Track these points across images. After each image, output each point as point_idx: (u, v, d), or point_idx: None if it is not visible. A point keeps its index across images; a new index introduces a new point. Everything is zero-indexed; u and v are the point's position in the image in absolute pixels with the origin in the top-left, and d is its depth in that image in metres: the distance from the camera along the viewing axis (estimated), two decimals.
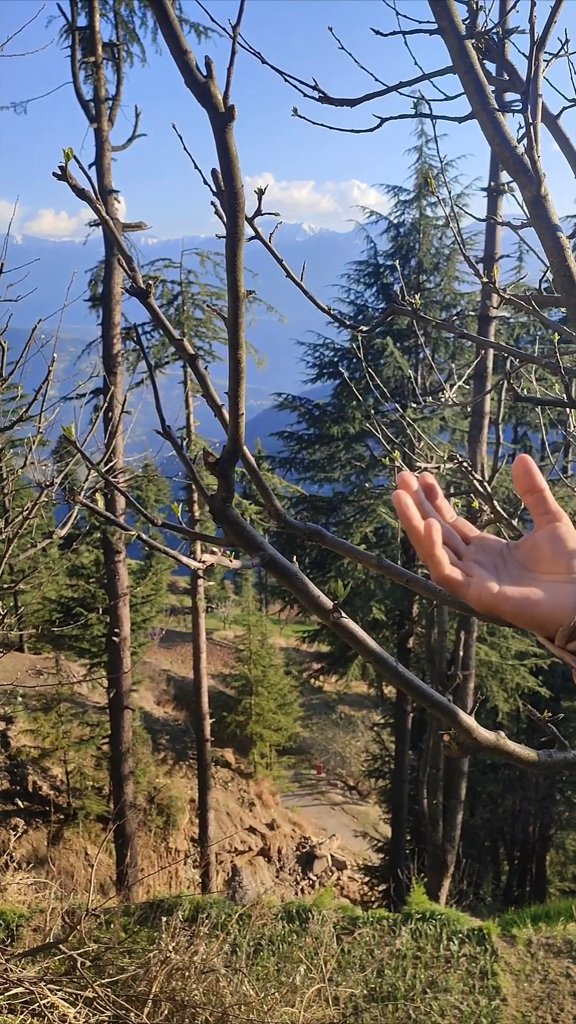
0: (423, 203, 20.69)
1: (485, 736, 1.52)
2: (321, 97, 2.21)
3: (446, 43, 1.92)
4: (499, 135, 1.85)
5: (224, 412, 1.69)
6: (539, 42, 1.80)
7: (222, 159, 1.15)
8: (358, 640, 1.57)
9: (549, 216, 1.84)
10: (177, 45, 1.10)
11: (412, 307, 2.42)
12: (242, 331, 1.30)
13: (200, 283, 19.48)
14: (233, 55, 1.08)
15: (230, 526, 1.48)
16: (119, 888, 14.20)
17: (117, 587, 15.88)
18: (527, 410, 22.38)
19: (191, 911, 9.36)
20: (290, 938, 9.40)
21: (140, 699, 26.00)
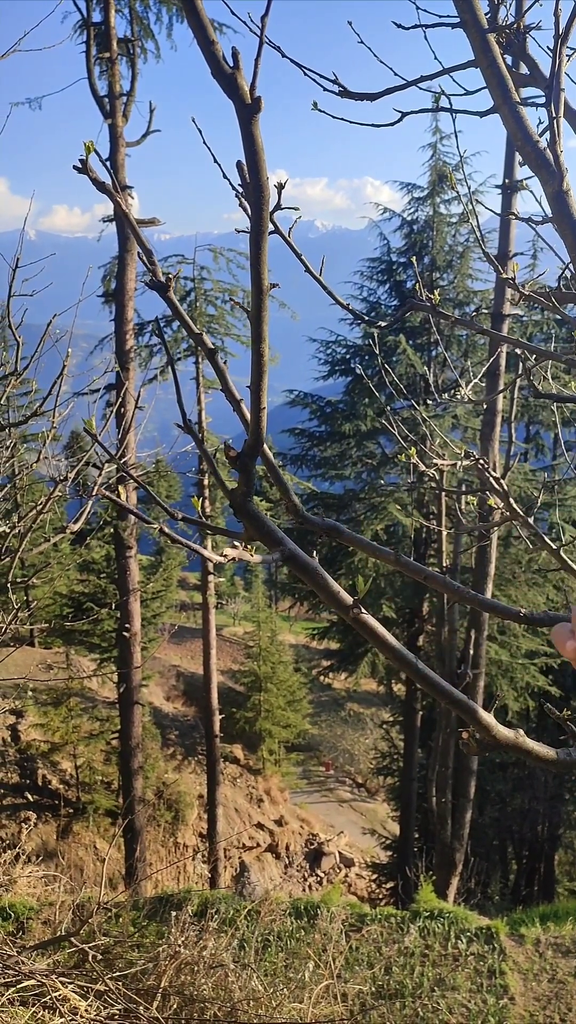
0: (437, 200, 20.59)
1: (504, 734, 1.51)
2: (341, 91, 2.21)
3: (468, 37, 1.91)
4: (521, 129, 1.84)
5: (243, 407, 1.69)
6: (563, 36, 1.79)
7: (248, 151, 1.14)
8: (378, 636, 1.56)
9: (571, 211, 1.82)
10: (205, 36, 1.10)
11: (431, 303, 2.41)
12: (265, 325, 1.29)
13: (213, 279, 19.48)
14: (261, 45, 1.07)
15: (251, 520, 1.47)
16: (128, 882, 14.25)
17: (128, 582, 15.91)
18: (539, 408, 22.28)
19: (200, 906, 9.38)
20: (298, 934, 9.41)
21: (150, 694, 26.06)
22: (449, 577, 8.72)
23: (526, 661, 19.84)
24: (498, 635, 19.04)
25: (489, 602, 1.93)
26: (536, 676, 20.06)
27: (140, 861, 15.15)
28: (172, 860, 21.50)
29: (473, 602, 1.91)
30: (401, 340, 18.92)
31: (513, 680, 19.66)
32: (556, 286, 2.76)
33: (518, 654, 19.74)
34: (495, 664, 19.07)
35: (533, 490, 19.00)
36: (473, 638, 14.40)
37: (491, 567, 14.55)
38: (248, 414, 1.64)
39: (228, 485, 1.48)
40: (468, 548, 15.62)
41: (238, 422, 1.62)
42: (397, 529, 19.90)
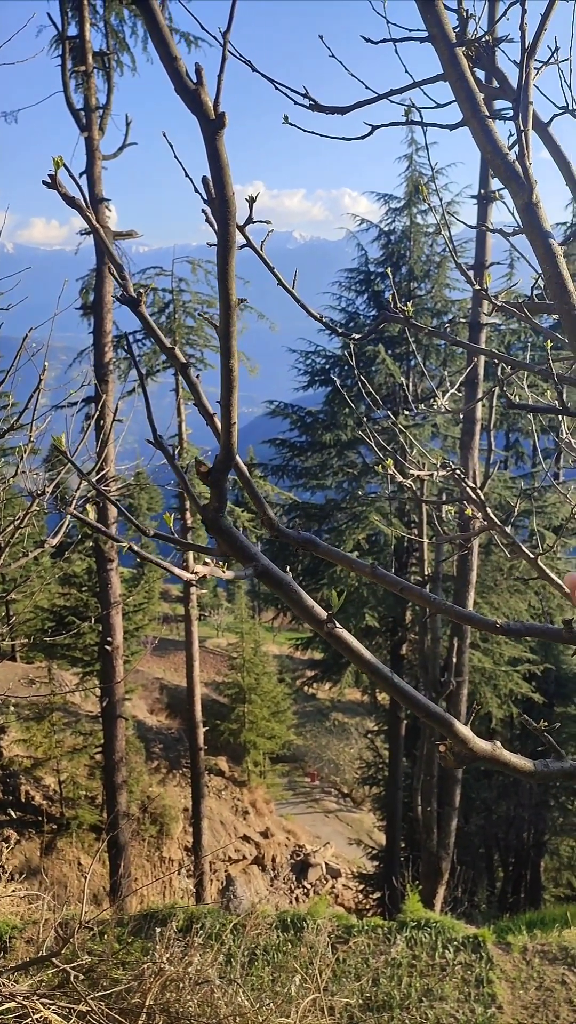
0: (413, 211, 20.74)
1: (481, 746, 1.50)
2: (312, 105, 2.21)
3: (437, 51, 1.92)
4: (490, 142, 1.85)
5: (216, 421, 1.68)
6: (530, 49, 1.80)
7: (213, 166, 1.14)
8: (352, 651, 1.56)
9: (541, 223, 1.83)
10: (167, 52, 1.09)
11: (404, 315, 2.41)
12: (234, 340, 1.28)
13: (191, 291, 19.50)
14: (223, 61, 1.07)
15: (223, 536, 1.46)
16: (112, 898, 14.12)
17: (109, 596, 15.83)
18: (518, 416, 22.42)
19: (185, 921, 9.30)
20: (285, 947, 9.35)
21: (133, 708, 25.92)
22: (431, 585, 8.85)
23: (509, 668, 19.91)
24: (481, 642, 19.10)
25: (466, 613, 1.93)
26: (519, 683, 20.13)
27: (125, 876, 15.03)
28: (157, 874, 21.34)
29: (450, 613, 1.91)
30: (380, 350, 19.00)
31: (496, 687, 19.72)
32: (530, 296, 2.77)
33: (501, 661, 19.81)
34: (478, 671, 19.12)
35: (513, 498, 19.10)
36: (456, 646, 14.43)
37: (472, 575, 14.59)
38: (220, 428, 1.64)
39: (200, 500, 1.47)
40: (449, 556, 15.67)
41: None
42: (379, 538, 19.94)
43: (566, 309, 1.83)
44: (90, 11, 15.72)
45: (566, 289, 1.83)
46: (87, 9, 15.54)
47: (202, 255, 20.35)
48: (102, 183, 15.87)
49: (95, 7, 16.16)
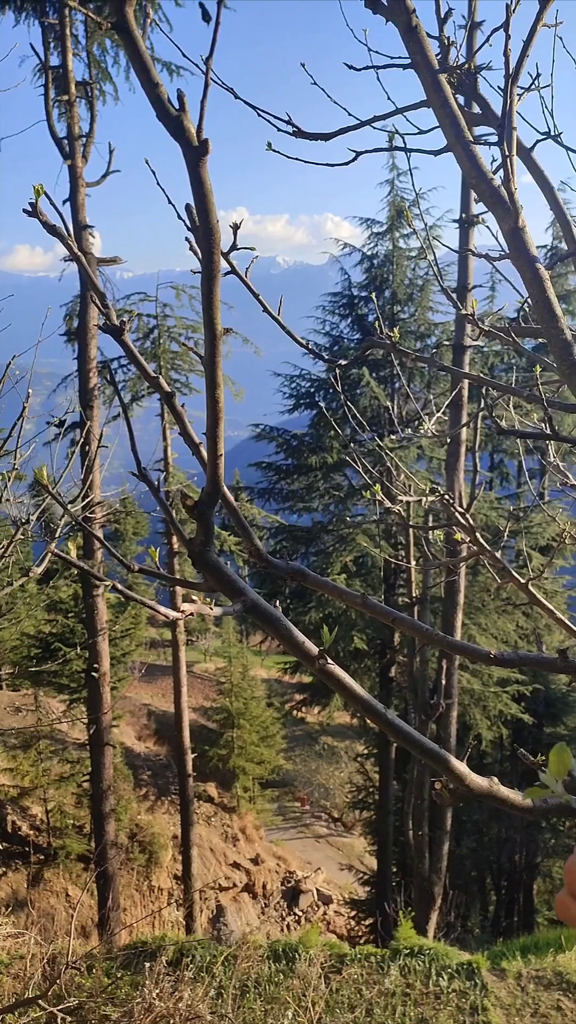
0: (396, 235, 20.93)
1: (478, 783, 1.47)
2: (295, 132, 2.20)
3: (420, 77, 1.92)
4: (475, 168, 1.84)
5: (202, 450, 1.65)
6: (513, 75, 1.80)
7: (196, 194, 1.11)
8: (345, 687, 1.52)
9: (527, 248, 1.82)
10: (148, 79, 1.07)
11: (390, 340, 2.39)
12: (219, 370, 1.26)
13: (176, 316, 19.55)
14: (206, 88, 1.05)
15: (210, 571, 1.43)
16: (101, 931, 13.90)
17: (96, 622, 15.71)
18: (503, 438, 22.54)
19: (175, 954, 9.15)
20: (277, 978, 9.21)
21: (121, 734, 25.65)
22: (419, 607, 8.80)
23: (498, 689, 19.85)
24: (469, 664, 19.05)
25: (459, 644, 1.90)
26: (509, 704, 20.07)
27: (114, 908, 14.80)
28: (147, 904, 21.04)
29: (442, 644, 1.88)
30: (364, 373, 19.08)
31: (486, 709, 19.65)
32: (515, 319, 2.77)
33: (490, 682, 19.76)
34: (467, 693, 19.06)
35: (499, 518, 19.15)
36: (445, 668, 14.38)
37: (460, 596, 14.58)
38: (205, 458, 1.60)
39: (186, 533, 1.44)
40: (437, 578, 15.65)
41: None
42: (366, 560, 19.91)
43: (554, 333, 1.82)
44: (72, 41, 15.85)
45: (554, 313, 1.82)
46: (69, 39, 15.67)
47: (186, 280, 20.41)
48: (85, 210, 15.92)
49: (77, 37, 16.29)
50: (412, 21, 1.91)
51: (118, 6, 0.99)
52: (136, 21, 1.04)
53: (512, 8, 1.78)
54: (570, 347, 1.83)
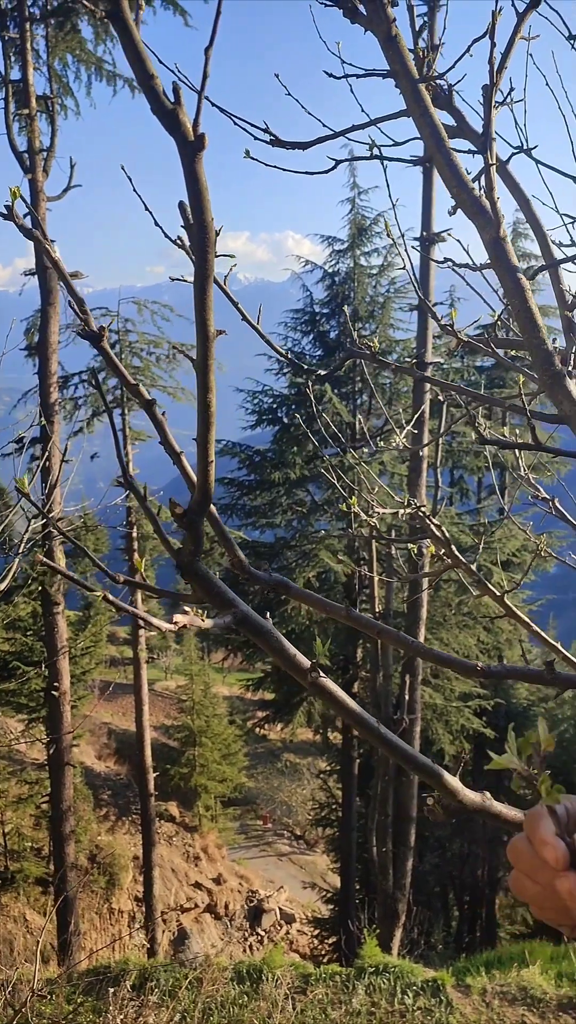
0: (357, 252, 21.10)
1: (471, 798, 1.44)
2: (272, 140, 2.19)
3: (400, 87, 1.91)
4: (456, 177, 1.84)
5: (183, 460, 1.61)
6: (495, 83, 1.80)
7: (191, 190, 1.08)
8: (337, 701, 1.48)
9: (508, 258, 1.82)
10: (143, 70, 1.04)
11: (371, 350, 2.38)
12: (212, 373, 1.22)
13: (138, 331, 19.50)
14: (204, 79, 1.01)
15: (200, 582, 1.39)
16: (62, 956, 13.60)
17: (56, 640, 15.48)
18: (462, 454, 22.76)
19: (138, 978, 8.98)
20: (242, 1000, 9.08)
21: (81, 754, 25.27)
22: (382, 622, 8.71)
23: (460, 704, 19.94)
24: (432, 679, 19.11)
25: (445, 656, 1.88)
26: (471, 719, 20.17)
27: (75, 933, 14.50)
28: (108, 927, 20.69)
29: (428, 656, 1.85)
30: (327, 389, 19.15)
31: (448, 723, 19.72)
32: (489, 333, 2.77)
33: (452, 697, 19.84)
34: (430, 708, 19.11)
35: (460, 534, 19.28)
36: (408, 683, 14.40)
37: (423, 611, 14.63)
38: (189, 468, 1.57)
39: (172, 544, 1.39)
40: (400, 593, 15.69)
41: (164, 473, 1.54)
42: (329, 576, 19.92)
43: (536, 343, 1.82)
44: (33, 55, 15.79)
45: (535, 324, 1.81)
46: (30, 53, 15.61)
47: (148, 296, 20.37)
48: (46, 224, 15.82)
49: (38, 52, 16.23)
50: (392, 31, 1.90)
51: None
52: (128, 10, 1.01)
53: (497, 15, 1.79)
54: (551, 357, 1.83)
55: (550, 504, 3.18)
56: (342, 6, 1.92)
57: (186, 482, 1.53)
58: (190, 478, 1.45)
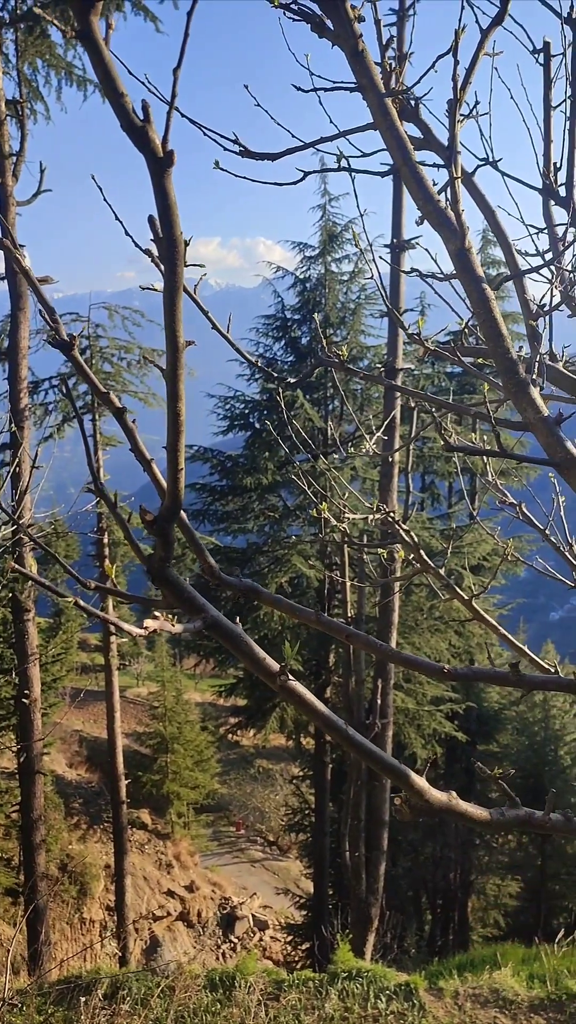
0: (328, 259, 21.21)
1: (437, 797, 1.47)
2: (242, 151, 2.21)
3: (367, 101, 1.95)
4: (422, 189, 1.87)
5: (153, 467, 1.63)
6: (459, 99, 1.85)
7: (160, 205, 1.10)
8: (306, 703, 1.51)
9: (474, 268, 1.86)
10: (113, 88, 1.06)
11: (339, 358, 2.41)
12: (182, 383, 1.24)
13: (108, 337, 19.44)
14: (173, 98, 1.04)
15: (170, 588, 1.40)
16: (32, 967, 13.47)
17: (26, 647, 15.35)
18: (433, 459, 22.92)
19: (110, 988, 8.92)
20: (215, 1008, 9.06)
21: (52, 762, 25.06)
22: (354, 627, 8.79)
23: (432, 708, 20.05)
24: (404, 683, 19.20)
25: (413, 659, 1.91)
26: (442, 722, 20.28)
27: (45, 944, 14.36)
28: (79, 937, 20.51)
29: (396, 659, 1.88)
30: (299, 395, 19.21)
31: (420, 727, 19.81)
32: (456, 340, 2.82)
33: (424, 701, 19.94)
34: (402, 712, 19.19)
35: (431, 538, 19.40)
36: (380, 687, 14.46)
37: (395, 616, 14.70)
38: (159, 474, 1.58)
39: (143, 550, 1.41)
40: (372, 598, 15.76)
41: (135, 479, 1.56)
42: (301, 581, 19.95)
43: (500, 352, 1.86)
44: (2, 59, 15.71)
45: (499, 333, 1.85)
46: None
47: (118, 301, 20.33)
48: (16, 229, 15.72)
49: (7, 56, 16.15)
50: (359, 45, 1.94)
51: (83, 15, 0.98)
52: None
53: (460, 33, 1.83)
54: (515, 365, 1.87)
55: (517, 509, 3.23)
56: (310, 21, 1.95)
57: (156, 488, 1.54)
58: (160, 485, 1.46)
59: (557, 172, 2.84)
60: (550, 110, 3.00)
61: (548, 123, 2.96)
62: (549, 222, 2.99)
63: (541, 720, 27.26)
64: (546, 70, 3.01)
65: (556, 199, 2.85)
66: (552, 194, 2.89)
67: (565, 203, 2.74)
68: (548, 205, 3.02)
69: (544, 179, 2.88)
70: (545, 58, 3.01)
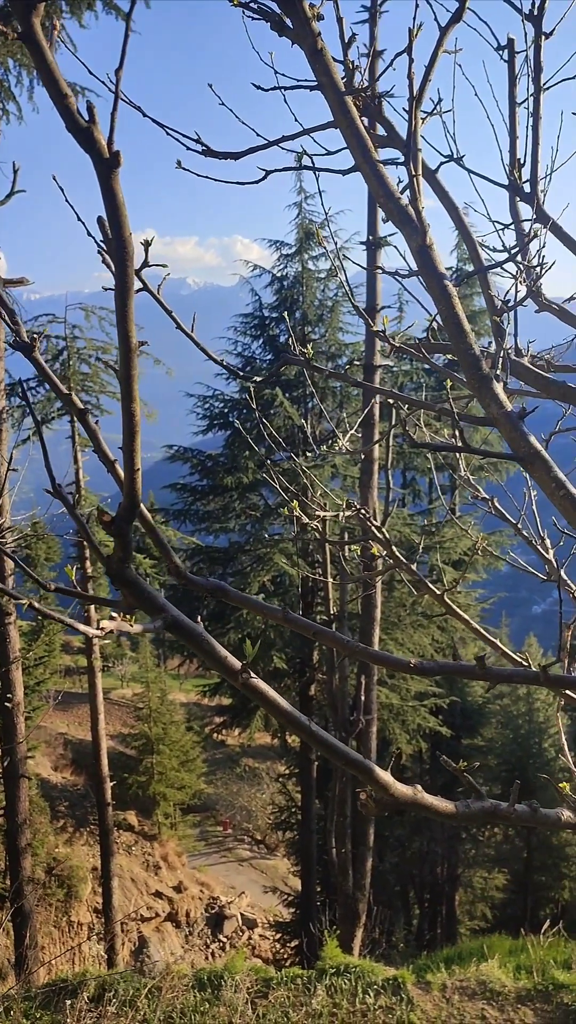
0: (305, 256, 21.21)
1: (402, 791, 1.47)
2: (204, 151, 2.22)
3: (327, 99, 1.95)
4: (383, 187, 1.88)
5: (117, 467, 1.63)
6: (417, 97, 1.85)
7: (108, 207, 1.10)
8: (268, 700, 1.51)
9: (436, 265, 1.87)
10: (57, 90, 1.06)
11: (305, 357, 2.42)
12: (135, 383, 1.24)
13: (86, 337, 19.34)
14: (116, 99, 1.04)
15: (129, 588, 1.41)
16: (18, 971, 13.41)
17: (8, 651, 15.25)
18: (414, 455, 22.98)
19: (97, 990, 8.90)
20: (203, 1007, 9.06)
21: (36, 765, 24.94)
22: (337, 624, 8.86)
23: (416, 703, 20.12)
24: (388, 679, 19.26)
25: (380, 655, 1.92)
26: (427, 717, 20.36)
27: (31, 948, 14.30)
28: (66, 941, 20.44)
29: (363, 655, 1.89)
30: (278, 393, 19.21)
31: (405, 723, 19.88)
32: (424, 337, 2.83)
33: (408, 697, 20.00)
34: (386, 708, 19.25)
35: (412, 534, 19.47)
36: (364, 684, 14.48)
37: (377, 612, 14.74)
38: (122, 475, 1.58)
39: (104, 550, 1.41)
40: (354, 594, 15.79)
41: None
42: (284, 579, 19.97)
43: (463, 348, 1.87)
44: None
45: (462, 329, 1.86)
46: None
47: (96, 301, 20.23)
48: None
49: None
50: (318, 44, 1.94)
51: (25, 17, 0.98)
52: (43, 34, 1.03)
53: (415, 32, 1.84)
54: (479, 361, 1.88)
55: (489, 504, 3.25)
56: (269, 19, 1.96)
57: (120, 489, 1.54)
58: (122, 486, 1.46)
59: (522, 168, 2.86)
60: (515, 107, 3.02)
61: (513, 120, 2.98)
62: (515, 218, 3.00)
63: (525, 713, 27.44)
64: (510, 67, 3.03)
65: (521, 195, 2.87)
66: (517, 190, 2.91)
67: (529, 199, 2.76)
68: (514, 201, 3.04)
69: (509, 175, 2.90)
70: (509, 55, 3.03)
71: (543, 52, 2.81)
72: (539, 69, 2.79)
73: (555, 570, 2.94)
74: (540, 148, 2.80)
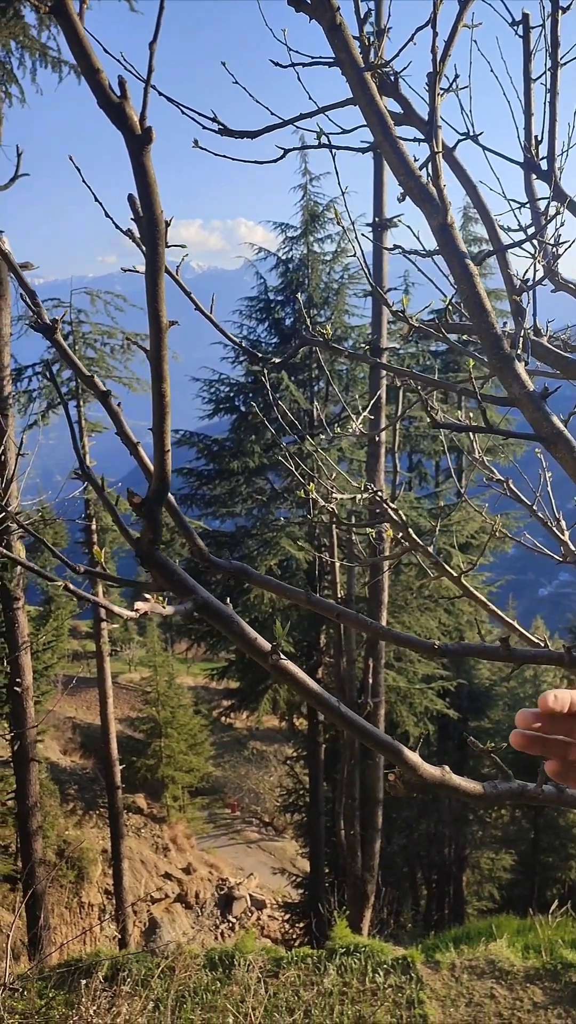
0: (310, 239, 21.07)
1: (431, 772, 1.48)
2: (221, 130, 2.19)
3: (345, 76, 1.93)
4: (404, 164, 1.86)
5: (140, 450, 1.62)
6: (439, 71, 1.83)
7: (140, 184, 1.09)
8: (298, 682, 1.51)
9: (456, 244, 1.85)
10: (89, 65, 1.05)
11: (324, 338, 2.40)
12: (165, 364, 1.24)
13: (91, 322, 19.30)
14: (150, 72, 1.02)
15: (159, 570, 1.40)
16: (32, 952, 13.55)
17: (17, 636, 15.33)
18: (420, 439, 22.92)
19: (110, 969, 8.99)
20: (215, 987, 9.15)
21: (46, 749, 25.11)
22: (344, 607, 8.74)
23: (423, 686, 20.15)
24: (395, 662, 19.29)
25: (403, 636, 1.91)
26: (434, 700, 20.40)
27: (44, 928, 14.45)
28: (78, 921, 20.64)
29: (388, 636, 1.89)
30: (284, 376, 19.14)
31: (412, 706, 19.92)
32: (441, 318, 2.81)
33: (415, 679, 20.04)
34: (394, 691, 19.29)
35: (419, 517, 19.44)
36: (371, 667, 14.52)
37: (384, 595, 14.75)
38: (146, 458, 1.58)
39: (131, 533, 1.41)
40: (362, 578, 15.79)
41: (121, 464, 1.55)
42: (291, 563, 19.97)
43: (484, 327, 1.85)
44: None
45: (484, 308, 1.85)
46: None
47: (100, 286, 20.19)
48: None
49: None
50: (336, 19, 1.92)
51: None
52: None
53: (439, 2, 1.81)
54: (500, 341, 1.87)
55: (503, 485, 3.24)
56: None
57: (143, 472, 1.54)
58: (147, 468, 1.46)
59: (538, 145, 2.83)
60: (530, 83, 2.99)
61: (528, 96, 2.94)
62: (531, 196, 2.97)
63: (532, 695, 27.48)
64: (525, 42, 2.99)
65: (538, 173, 2.84)
66: (534, 167, 2.88)
67: (546, 176, 2.73)
68: (530, 179, 3.01)
69: (525, 153, 2.87)
70: (524, 30, 2.99)
71: (560, 27, 2.78)
72: (556, 44, 2.75)
73: (571, 552, 2.93)
74: (557, 124, 2.77)
